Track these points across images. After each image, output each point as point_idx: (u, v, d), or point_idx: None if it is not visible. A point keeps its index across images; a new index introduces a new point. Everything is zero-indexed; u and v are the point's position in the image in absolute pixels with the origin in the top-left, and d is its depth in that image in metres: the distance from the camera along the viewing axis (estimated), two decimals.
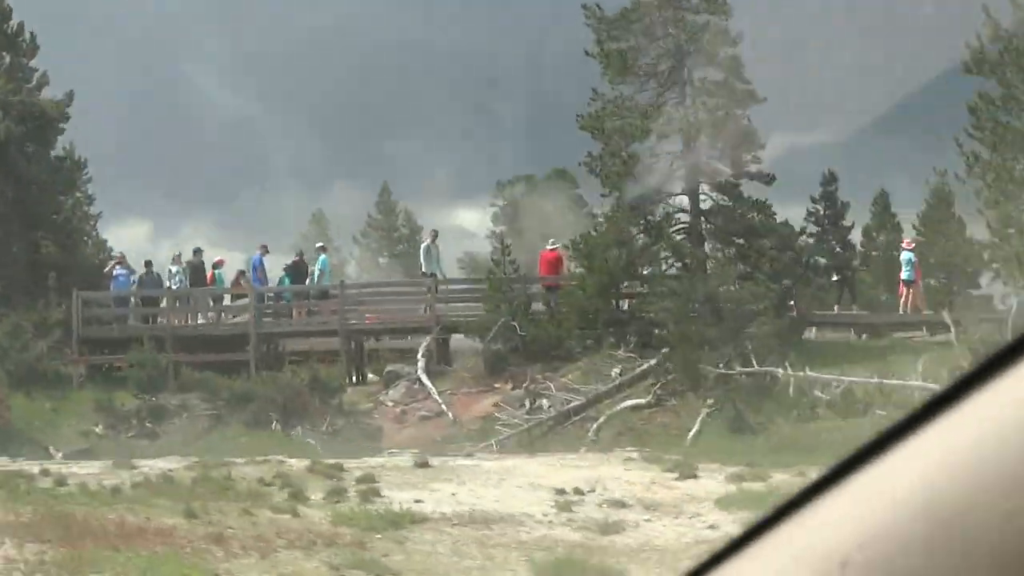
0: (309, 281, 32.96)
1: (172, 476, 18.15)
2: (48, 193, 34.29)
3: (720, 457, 20.41)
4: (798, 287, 29.20)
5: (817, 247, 31.07)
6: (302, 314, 33.07)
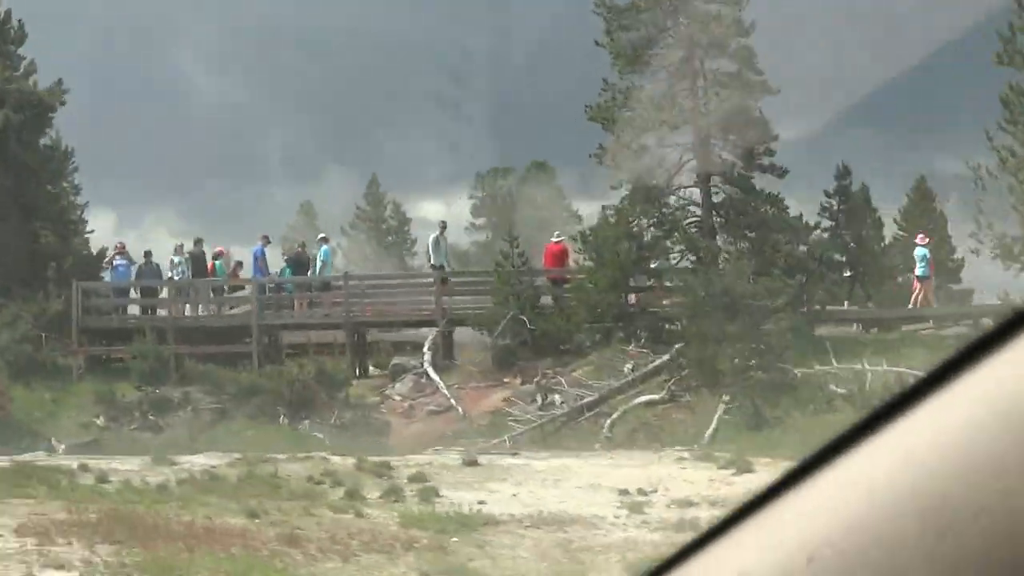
0: (311, 272, 32.34)
1: (217, 473, 17.60)
2: (44, 183, 33.67)
3: (755, 451, 20.04)
4: (811, 283, 28.81)
5: (831, 242, 30.66)
6: (304, 306, 32.44)
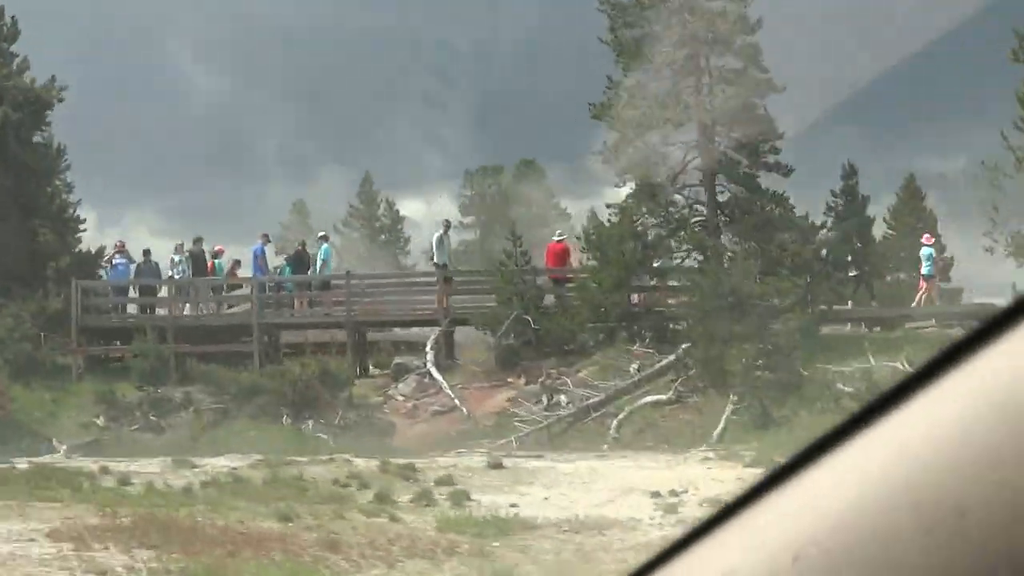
0: (312, 271, 32.00)
1: (240, 475, 17.31)
2: (42, 181, 33.29)
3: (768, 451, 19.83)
4: (816, 282, 28.61)
5: (837, 242, 30.47)
6: (304, 305, 32.10)
